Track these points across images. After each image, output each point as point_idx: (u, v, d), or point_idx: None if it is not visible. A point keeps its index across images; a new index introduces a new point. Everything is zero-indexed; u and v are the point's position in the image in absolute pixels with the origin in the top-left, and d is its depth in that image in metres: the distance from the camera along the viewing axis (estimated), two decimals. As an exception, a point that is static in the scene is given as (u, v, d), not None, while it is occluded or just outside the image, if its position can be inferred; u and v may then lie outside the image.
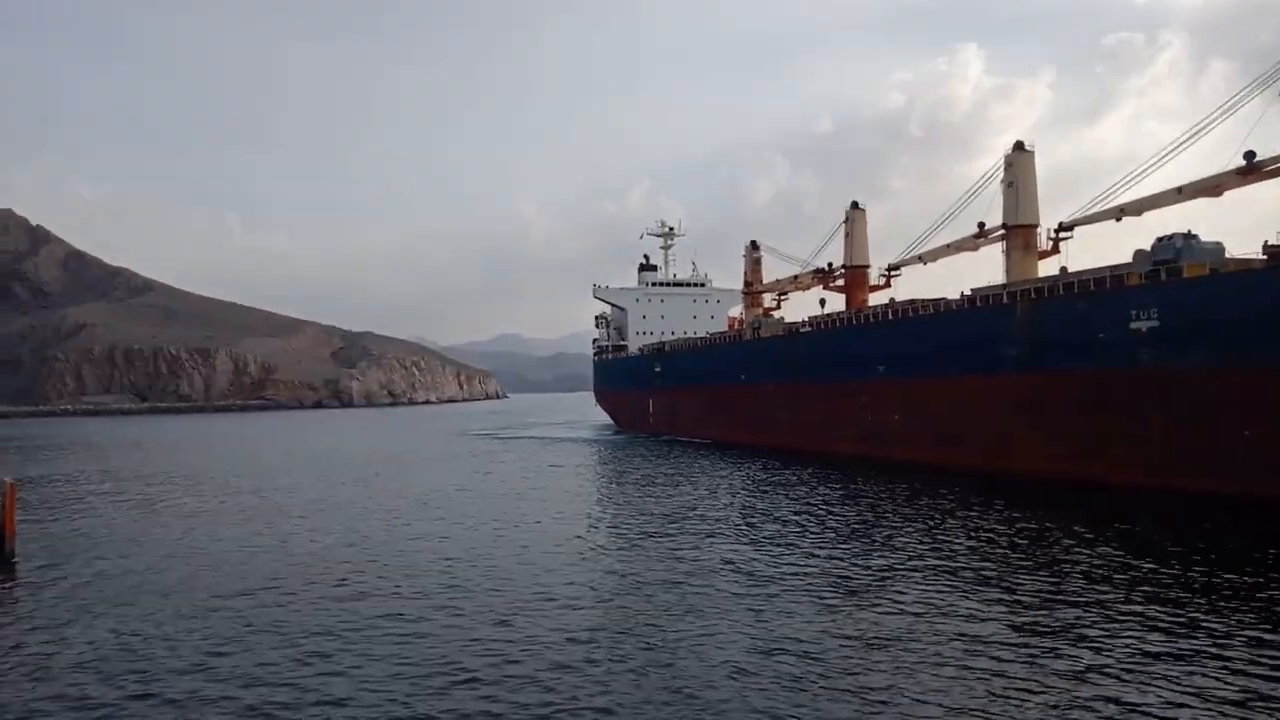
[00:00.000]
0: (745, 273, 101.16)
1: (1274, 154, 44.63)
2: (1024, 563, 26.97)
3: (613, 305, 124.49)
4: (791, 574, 26.14)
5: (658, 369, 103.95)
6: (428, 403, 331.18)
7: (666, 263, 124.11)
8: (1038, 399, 48.48)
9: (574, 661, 18.60)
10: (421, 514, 40.73)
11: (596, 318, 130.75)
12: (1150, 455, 41.71)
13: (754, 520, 36.72)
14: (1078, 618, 20.69)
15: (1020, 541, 30.46)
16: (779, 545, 30.81)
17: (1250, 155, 45.57)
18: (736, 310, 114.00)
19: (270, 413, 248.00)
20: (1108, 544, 29.29)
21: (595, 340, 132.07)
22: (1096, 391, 44.97)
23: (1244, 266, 40.99)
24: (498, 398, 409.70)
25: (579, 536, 33.92)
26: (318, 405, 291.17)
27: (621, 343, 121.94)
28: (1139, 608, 21.35)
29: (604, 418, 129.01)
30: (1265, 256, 39.92)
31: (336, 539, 34.14)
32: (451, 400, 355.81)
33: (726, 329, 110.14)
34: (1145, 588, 23.37)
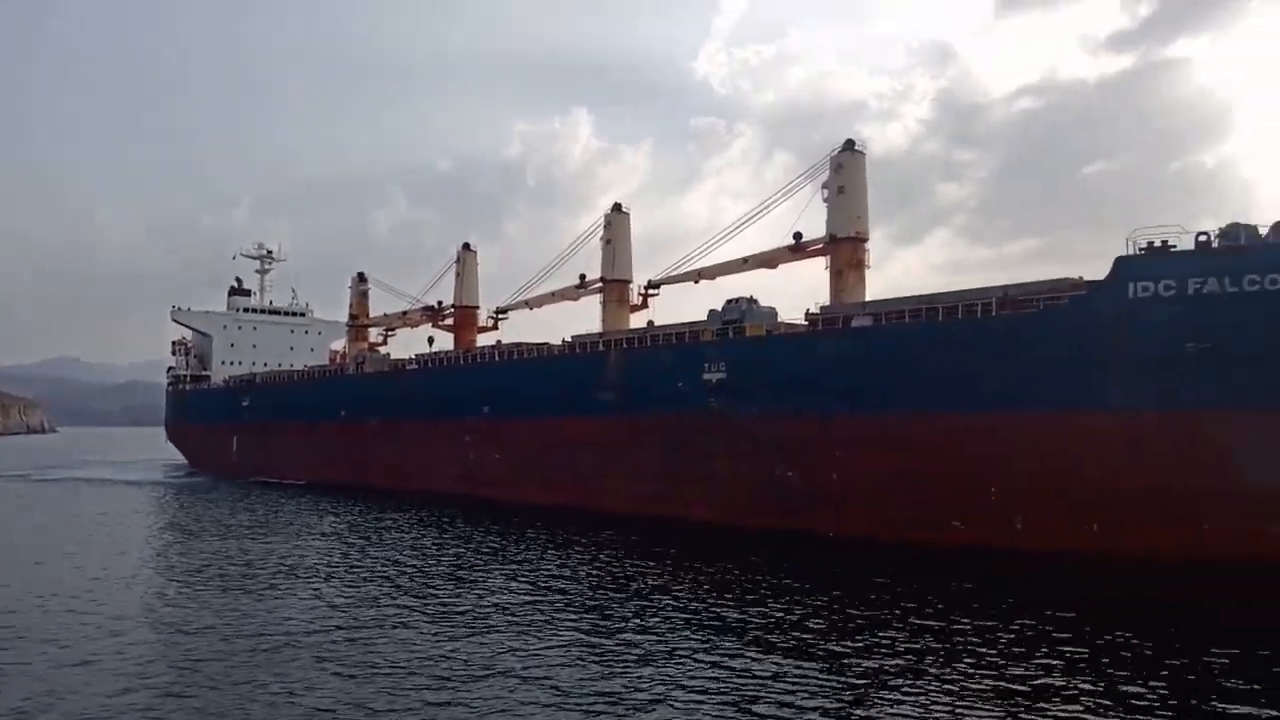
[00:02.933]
0: (351, 305, 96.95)
1: (816, 237, 52.97)
2: (590, 593, 28.35)
3: (195, 330, 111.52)
4: (380, 622, 24.79)
5: (245, 403, 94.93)
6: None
7: (263, 288, 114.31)
8: (627, 440, 51.93)
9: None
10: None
11: (174, 344, 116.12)
12: (717, 493, 46.56)
13: (343, 570, 34.36)
14: (646, 634, 22.01)
15: (593, 574, 32.06)
16: (367, 593, 29.14)
17: (798, 236, 53.70)
18: (340, 344, 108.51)
19: None
20: (672, 574, 31.89)
21: (171, 369, 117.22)
22: (675, 435, 49.31)
23: (792, 330, 47.91)
24: (44, 431, 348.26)
25: (125, 606, 29.01)
26: None
27: (204, 372, 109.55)
28: (700, 629, 23.34)
29: (178, 456, 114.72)
30: (807, 323, 46.98)
31: None
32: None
33: (328, 363, 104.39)
34: (701, 612, 25.64)
